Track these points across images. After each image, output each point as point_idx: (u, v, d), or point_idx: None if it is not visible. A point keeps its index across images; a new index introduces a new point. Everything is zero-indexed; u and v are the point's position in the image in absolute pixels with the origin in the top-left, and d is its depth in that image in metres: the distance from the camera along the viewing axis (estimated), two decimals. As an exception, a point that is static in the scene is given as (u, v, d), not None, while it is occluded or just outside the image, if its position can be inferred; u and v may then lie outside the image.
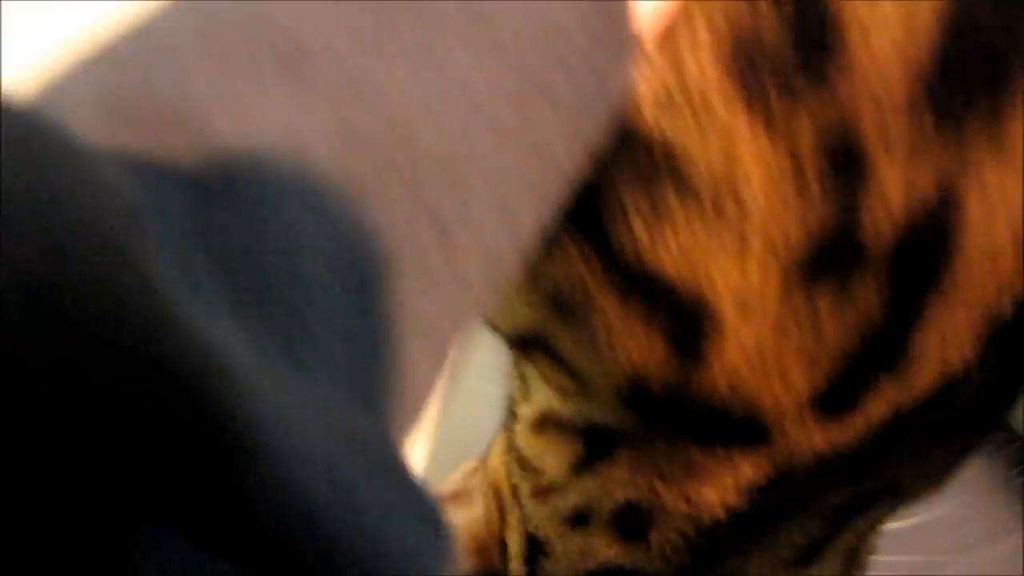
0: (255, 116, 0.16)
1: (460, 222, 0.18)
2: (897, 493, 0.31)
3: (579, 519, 0.32)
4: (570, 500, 0.32)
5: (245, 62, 0.16)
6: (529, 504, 0.34)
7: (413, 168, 0.18)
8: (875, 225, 0.23)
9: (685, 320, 0.25)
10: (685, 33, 0.22)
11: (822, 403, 0.26)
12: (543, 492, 0.33)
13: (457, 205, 0.18)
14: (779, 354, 0.25)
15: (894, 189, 0.22)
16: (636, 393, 0.27)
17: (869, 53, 0.21)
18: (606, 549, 0.32)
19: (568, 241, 0.26)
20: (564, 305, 0.27)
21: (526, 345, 0.30)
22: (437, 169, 0.18)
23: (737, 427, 0.27)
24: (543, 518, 0.33)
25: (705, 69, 0.22)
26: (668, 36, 0.22)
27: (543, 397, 0.32)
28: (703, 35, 0.22)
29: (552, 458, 0.32)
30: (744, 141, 0.22)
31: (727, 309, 0.24)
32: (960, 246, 0.23)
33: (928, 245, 0.23)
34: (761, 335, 0.24)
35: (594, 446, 0.30)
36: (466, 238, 0.19)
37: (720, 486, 0.28)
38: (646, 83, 0.23)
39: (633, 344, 0.26)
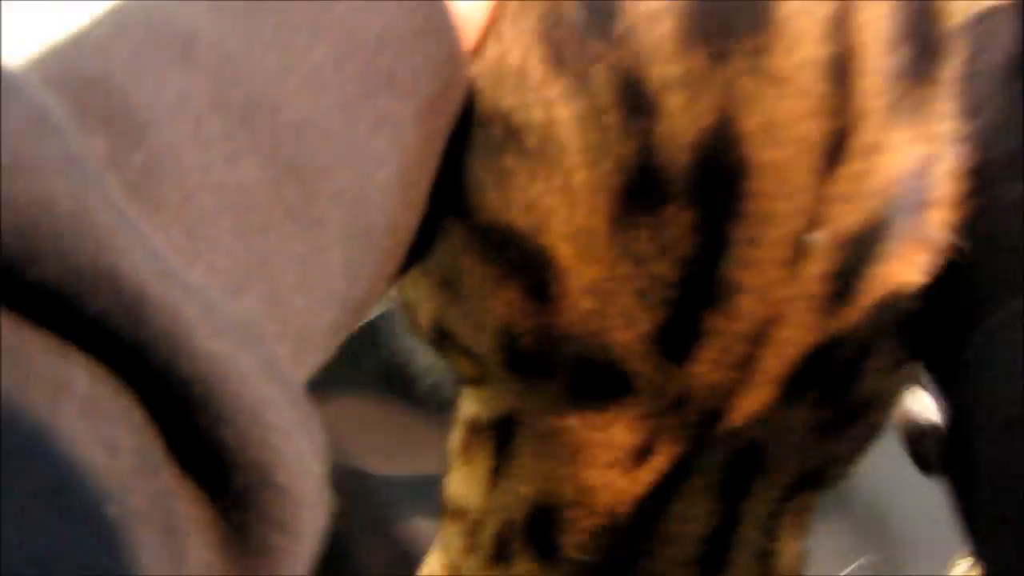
0: (155, 86, 0.21)
1: (315, 174, 0.23)
2: (764, 460, 0.31)
3: (501, 552, 0.33)
4: (490, 529, 0.34)
5: (151, 51, 0.22)
6: (462, 562, 0.35)
7: (275, 130, 0.22)
8: (670, 157, 0.26)
9: (532, 267, 0.28)
10: (508, 21, 0.28)
11: (663, 343, 0.28)
12: (470, 535, 0.35)
13: (312, 160, 0.23)
14: (616, 289, 0.28)
15: (681, 124, 0.26)
16: (513, 352, 0.30)
17: (644, 8, 0.26)
18: (529, 573, 0.33)
19: (445, 223, 0.30)
20: (447, 282, 0.31)
21: (441, 340, 0.33)
22: (295, 132, 0.23)
23: (601, 377, 0.29)
24: (475, 570, 0.35)
25: (524, 45, 0.27)
26: (493, 25, 0.28)
27: (467, 404, 0.35)
28: (522, 20, 0.27)
29: (474, 482, 0.34)
30: (558, 100, 0.27)
31: (565, 250, 0.27)
32: (748, 172, 0.26)
33: (719, 173, 0.26)
34: (597, 272, 0.27)
35: (501, 439, 0.33)
36: (322, 187, 0.23)
37: (601, 461, 0.30)
38: (480, 66, 0.28)
39: (497, 301, 0.29)
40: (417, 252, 0.29)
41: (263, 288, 0.22)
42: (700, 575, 0.32)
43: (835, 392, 0.30)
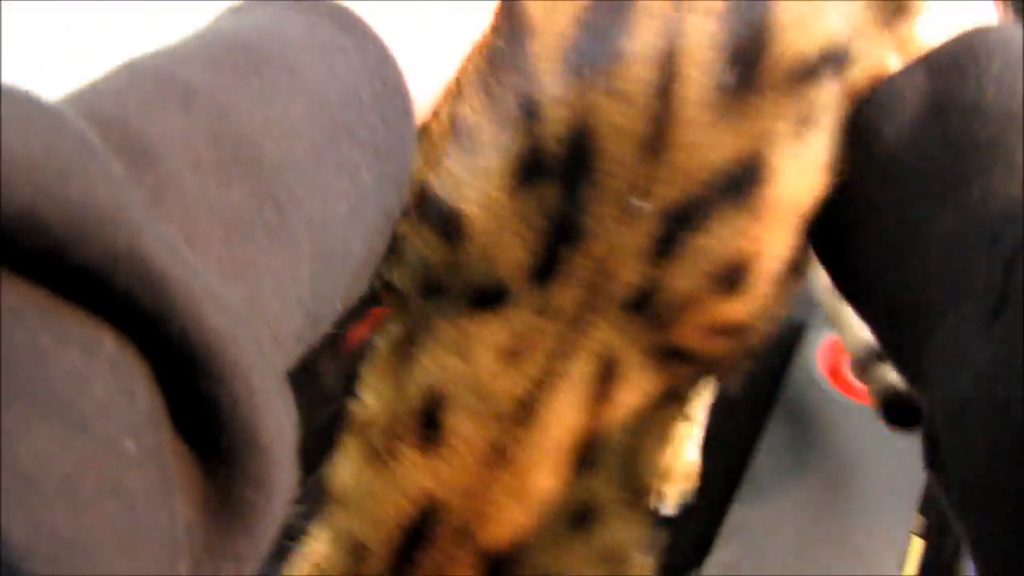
0: (162, 125, 0.25)
1: (290, 202, 0.28)
2: (621, 373, 0.41)
3: (391, 447, 0.41)
4: (385, 427, 0.41)
5: (159, 98, 0.26)
6: (355, 477, 0.42)
7: (259, 167, 0.27)
8: (550, 148, 0.37)
9: (449, 220, 0.39)
10: (464, 73, 0.38)
11: (537, 270, 0.39)
12: (366, 445, 0.42)
13: (287, 192, 0.28)
14: (506, 236, 0.38)
15: (558, 126, 0.37)
16: (427, 280, 0.41)
17: (542, 53, 0.37)
18: (414, 467, 0.40)
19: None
20: (391, 249, 0.40)
21: (385, 288, 0.43)
22: (273, 168, 0.27)
23: (490, 293, 0.40)
24: (368, 482, 0.42)
25: (469, 83, 0.38)
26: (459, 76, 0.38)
27: (385, 332, 0.44)
28: (471, 69, 0.38)
29: (379, 389, 0.43)
30: (483, 112, 0.38)
31: (473, 210, 0.38)
32: (596, 156, 0.37)
33: (578, 157, 0.37)
34: (495, 224, 0.38)
35: (408, 349, 0.42)
36: (294, 213, 0.28)
37: (483, 351, 0.40)
38: (443, 102, 0.38)
39: (421, 246, 0.40)
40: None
41: (245, 291, 0.25)
42: (569, 469, 0.41)
43: (662, 325, 0.41)
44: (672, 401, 0.42)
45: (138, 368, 0.22)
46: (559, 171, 0.37)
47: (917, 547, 0.66)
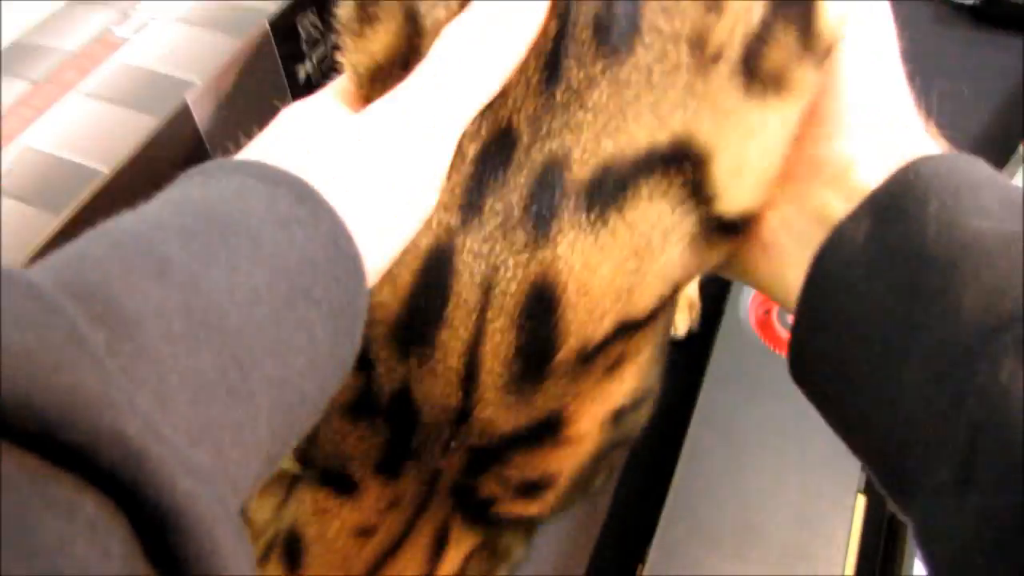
0: (140, 296, 0.28)
1: (251, 363, 0.30)
2: (451, 539, 0.45)
3: (265, 555, 0.47)
4: (264, 539, 0.47)
5: (137, 268, 0.28)
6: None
7: (223, 331, 0.29)
8: (379, 396, 0.42)
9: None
10: None
11: (381, 471, 0.44)
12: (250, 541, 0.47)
13: (249, 354, 0.30)
14: (352, 443, 0.43)
15: (384, 380, 0.41)
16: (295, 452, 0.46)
17: (378, 312, 0.40)
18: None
19: None
20: None
21: None
22: (237, 332, 0.30)
23: (340, 478, 0.45)
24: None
25: None
26: None
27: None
28: None
29: (264, 511, 0.48)
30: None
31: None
32: (419, 414, 0.41)
33: (402, 412, 0.42)
34: (341, 434, 0.43)
35: (287, 486, 0.48)
36: (254, 373, 0.30)
37: (337, 526, 0.45)
38: None
39: None
40: None
41: (209, 449, 0.28)
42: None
43: (481, 507, 0.46)
44: (486, 554, 0.48)
45: (115, 525, 0.24)
46: (388, 414, 0.42)
47: (861, 505, 0.64)
